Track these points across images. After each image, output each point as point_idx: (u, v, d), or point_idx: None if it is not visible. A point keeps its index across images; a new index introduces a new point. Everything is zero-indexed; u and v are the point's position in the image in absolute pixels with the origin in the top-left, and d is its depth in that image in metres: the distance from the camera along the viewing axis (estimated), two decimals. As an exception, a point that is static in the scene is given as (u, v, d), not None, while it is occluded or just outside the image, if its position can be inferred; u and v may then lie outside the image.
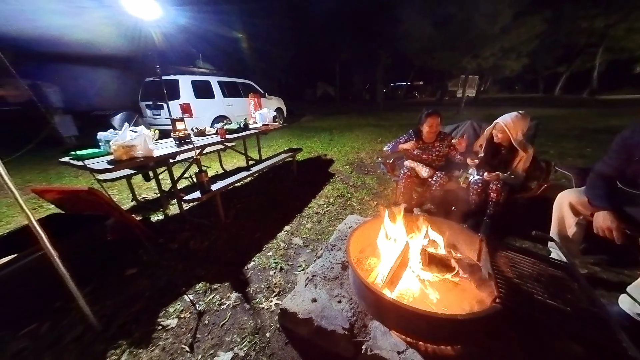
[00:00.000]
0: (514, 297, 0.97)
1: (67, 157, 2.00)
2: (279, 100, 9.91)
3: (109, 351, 1.32)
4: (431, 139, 2.44)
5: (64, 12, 7.35)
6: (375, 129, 8.38)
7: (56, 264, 1.23)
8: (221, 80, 7.28)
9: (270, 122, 3.78)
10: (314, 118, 12.07)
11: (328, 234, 2.35)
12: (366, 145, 6.00)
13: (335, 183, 3.63)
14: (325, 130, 8.38)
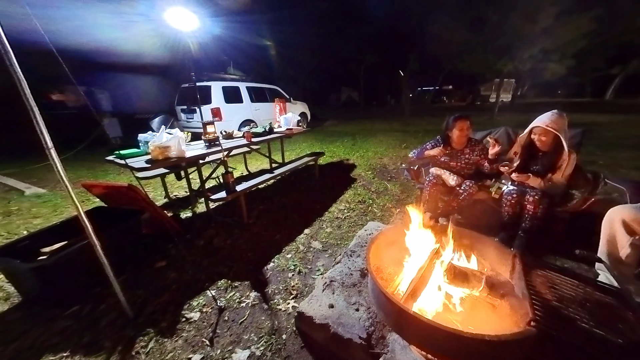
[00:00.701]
0: (552, 322, 0.88)
1: (112, 156, 2.21)
2: (303, 105, 10.10)
3: (138, 337, 1.41)
4: (461, 144, 2.31)
5: (117, 26, 8.23)
6: (400, 134, 8.18)
7: (98, 253, 1.35)
8: (249, 86, 7.61)
9: (294, 126, 3.85)
10: (337, 123, 12.10)
11: (347, 239, 2.33)
12: (390, 150, 5.87)
13: (356, 188, 3.59)
14: (348, 134, 8.35)
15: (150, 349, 1.35)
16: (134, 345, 1.37)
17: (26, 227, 2.66)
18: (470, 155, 2.30)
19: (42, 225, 2.67)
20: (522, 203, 1.95)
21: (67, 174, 1.22)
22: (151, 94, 11.87)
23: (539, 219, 1.88)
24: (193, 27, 2.82)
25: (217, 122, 2.79)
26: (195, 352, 1.34)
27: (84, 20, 7.41)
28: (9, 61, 1.02)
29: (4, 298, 1.72)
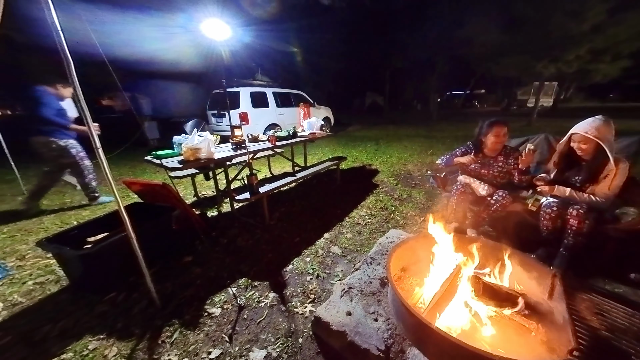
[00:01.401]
0: (599, 354, 0.78)
1: (150, 156, 2.40)
2: (327, 109, 10.18)
3: (165, 327, 1.50)
4: (495, 152, 2.16)
5: (159, 38, 9.02)
6: (426, 140, 7.89)
7: (133, 245, 1.46)
8: (275, 91, 7.86)
9: (318, 130, 3.89)
10: (360, 127, 12.01)
11: (368, 246, 2.28)
12: (415, 156, 5.68)
13: (378, 194, 3.51)
14: (372, 139, 8.24)
15: (175, 340, 1.42)
16: (161, 335, 1.45)
17: (76, 218, 2.97)
18: (504, 164, 2.15)
19: (89, 217, 2.96)
20: (565, 217, 1.77)
21: (111, 172, 1.35)
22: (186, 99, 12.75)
23: (584, 235, 1.69)
24: (226, 37, 3.00)
25: (244, 125, 2.91)
26: (215, 346, 1.39)
27: (133, 34, 8.22)
28: (69, 72, 1.16)
29: (55, 280, 1.92)
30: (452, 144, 6.82)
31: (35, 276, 1.98)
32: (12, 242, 2.47)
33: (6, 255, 2.26)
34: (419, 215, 2.88)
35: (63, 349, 1.38)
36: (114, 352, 1.36)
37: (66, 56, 1.14)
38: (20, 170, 3.84)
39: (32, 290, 1.83)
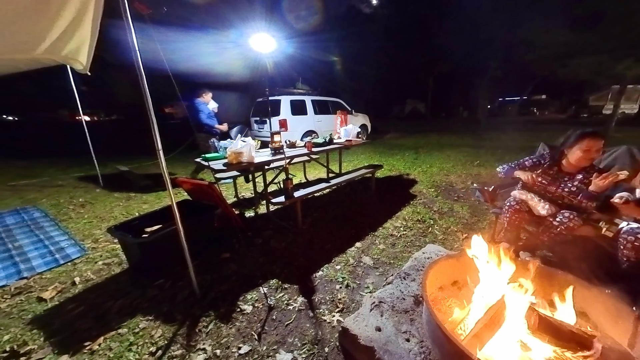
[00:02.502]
0: None
1: (200, 159, 2.65)
2: (364, 117, 10.10)
3: (202, 317, 1.61)
4: (576, 169, 1.84)
5: (213, 53, 10.06)
6: (473, 149, 7.27)
7: (181, 238, 1.62)
8: (314, 99, 8.09)
9: (354, 137, 3.87)
10: (399, 135, 11.61)
11: (402, 260, 2.16)
12: (459, 167, 5.26)
13: (416, 206, 3.33)
14: (410, 148, 7.89)
15: (210, 330, 1.52)
16: (198, 324, 1.56)
17: (138, 210, 3.41)
18: (580, 183, 1.82)
19: (148, 209, 3.37)
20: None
21: (168, 171, 1.52)
22: (233, 107, 13.89)
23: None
24: (271, 49, 3.20)
25: (283, 132, 3.05)
26: (244, 342, 1.44)
27: (192, 50, 9.32)
28: (142, 85, 1.36)
29: (118, 263, 2.22)
30: (504, 156, 6.15)
31: (104, 257, 2.31)
32: (90, 227, 2.94)
33: (85, 237, 2.70)
34: (461, 231, 2.64)
35: (120, 324, 1.57)
36: (159, 333, 1.51)
37: (140, 71, 1.34)
38: (100, 167, 4.58)
39: (101, 270, 2.14)
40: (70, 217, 3.25)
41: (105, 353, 1.39)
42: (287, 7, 14.11)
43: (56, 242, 2.58)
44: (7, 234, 2.80)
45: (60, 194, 4.15)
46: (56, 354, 1.39)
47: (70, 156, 6.99)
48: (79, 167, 5.88)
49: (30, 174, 5.49)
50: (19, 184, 4.82)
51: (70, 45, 2.18)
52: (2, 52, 2.07)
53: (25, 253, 2.40)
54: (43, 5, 1.56)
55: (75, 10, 1.69)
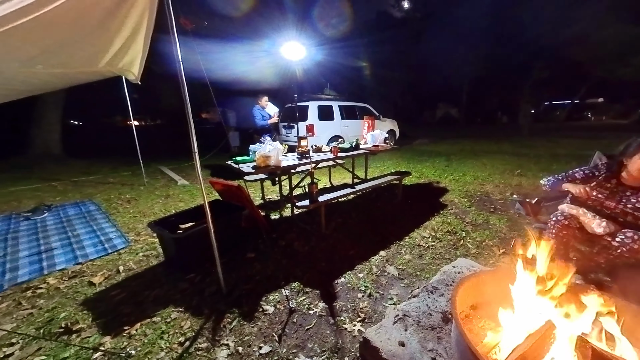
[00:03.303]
0: None
1: (230, 161, 2.80)
2: (392, 122, 9.87)
3: (227, 313, 1.67)
4: (638, 182, 1.62)
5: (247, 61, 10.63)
6: (513, 157, 6.69)
7: (211, 236, 1.71)
8: (341, 104, 8.12)
9: (381, 143, 3.80)
10: (429, 141, 11.13)
11: (429, 272, 2.04)
12: (496, 176, 4.88)
13: (446, 216, 3.14)
14: (441, 155, 7.51)
15: (234, 327, 1.57)
16: (223, 319, 1.63)
17: (174, 207, 3.69)
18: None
19: (183, 207, 3.62)
20: None
21: (202, 172, 1.63)
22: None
23: None
24: (301, 57, 3.30)
25: (309, 137, 3.10)
26: (265, 343, 1.46)
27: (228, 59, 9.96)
28: (183, 93, 1.48)
29: (155, 256, 2.41)
30: (550, 165, 5.57)
31: (144, 250, 2.52)
32: (134, 221, 3.24)
33: (129, 230, 2.98)
34: (497, 246, 2.43)
35: (154, 313, 1.70)
36: (187, 325, 1.60)
37: (182, 80, 1.46)
38: (144, 167, 5.06)
39: (140, 260, 2.35)
40: (118, 211, 3.62)
41: (141, 338, 1.50)
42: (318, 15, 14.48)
43: (106, 233, 2.89)
44: (68, 223, 3.20)
45: (111, 190, 4.65)
46: (100, 334, 1.54)
47: (121, 156, 7.82)
48: (127, 167, 6.55)
49: (89, 172, 6.25)
50: (80, 180, 5.50)
51: (126, 58, 2.46)
52: (72, 66, 2.41)
53: (81, 241, 2.72)
54: (105, 27, 1.79)
55: (131, 29, 1.91)
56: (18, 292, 1.96)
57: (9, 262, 2.34)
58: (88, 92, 7.75)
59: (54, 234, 2.92)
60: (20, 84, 2.72)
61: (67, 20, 1.56)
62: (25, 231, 3.00)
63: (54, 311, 1.74)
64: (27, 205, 3.84)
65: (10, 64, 2.02)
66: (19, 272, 2.18)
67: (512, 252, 2.08)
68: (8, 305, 1.82)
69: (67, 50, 2.01)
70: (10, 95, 3.13)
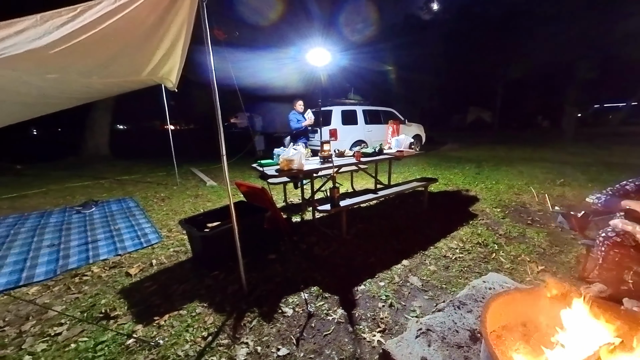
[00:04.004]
0: None
1: (255, 164, 2.90)
2: (418, 126, 9.56)
3: (247, 312, 1.72)
4: None
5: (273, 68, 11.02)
6: (555, 165, 6.10)
7: (235, 236, 1.77)
8: (365, 109, 8.05)
9: (406, 148, 3.69)
10: (458, 147, 10.58)
11: (456, 285, 1.92)
12: (535, 186, 4.48)
13: (476, 226, 2.94)
14: (472, 161, 7.09)
15: (253, 326, 1.61)
16: (243, 318, 1.67)
17: (203, 207, 3.90)
18: None
19: (211, 207, 3.81)
20: None
21: (229, 174, 1.70)
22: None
23: None
24: (326, 62, 3.34)
25: (332, 141, 3.10)
26: (283, 345, 1.47)
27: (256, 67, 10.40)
28: (215, 99, 1.57)
29: (184, 252, 2.56)
30: (599, 174, 5.00)
31: (175, 245, 2.69)
32: (166, 218, 3.48)
33: (162, 226, 3.20)
34: (535, 262, 2.21)
35: (181, 306, 1.79)
36: (210, 320, 1.66)
37: (214, 87, 1.56)
38: (178, 168, 5.42)
39: (171, 255, 2.50)
40: (154, 208, 3.91)
41: (169, 329, 1.60)
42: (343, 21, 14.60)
43: (142, 228, 3.13)
44: (111, 217, 3.53)
45: (148, 189, 5.05)
46: (134, 322, 1.66)
47: (158, 158, 8.46)
48: (163, 167, 7.07)
49: (130, 171, 6.85)
50: (122, 178, 6.05)
51: (165, 68, 2.68)
52: (120, 76, 2.68)
53: (121, 234, 2.98)
54: (149, 40, 1.97)
55: (171, 41, 2.08)
56: (68, 277, 2.19)
57: (62, 250, 2.63)
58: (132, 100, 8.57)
59: (99, 226, 3.23)
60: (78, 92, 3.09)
61: (118, 36, 1.75)
62: (76, 223, 3.36)
63: (96, 297, 1.92)
64: (78, 200, 4.31)
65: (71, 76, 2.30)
66: (69, 260, 2.44)
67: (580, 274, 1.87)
68: (59, 289, 2.04)
69: (118, 61, 2.24)
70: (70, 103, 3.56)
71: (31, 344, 1.51)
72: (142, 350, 1.45)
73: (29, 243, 2.81)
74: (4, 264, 2.40)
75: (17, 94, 2.62)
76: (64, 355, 1.43)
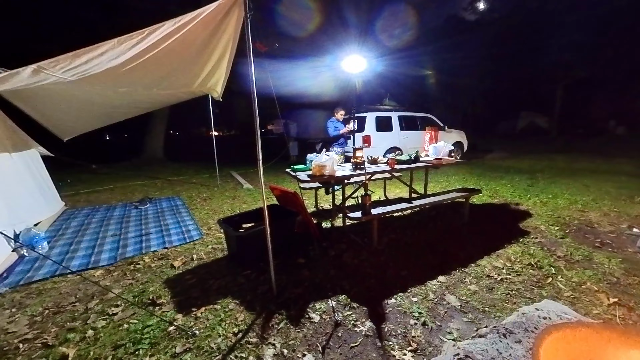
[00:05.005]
0: None
1: (289, 169, 2.99)
2: (459, 133, 8.94)
3: (275, 314, 1.75)
4: None
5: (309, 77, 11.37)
6: (633, 179, 5.16)
7: (267, 237, 1.84)
8: (401, 115, 7.80)
9: (445, 156, 3.46)
10: (506, 155, 9.61)
11: (501, 310, 1.72)
12: (605, 202, 3.83)
13: (527, 245, 2.61)
14: (523, 171, 6.36)
15: (281, 328, 1.63)
16: (272, 319, 1.70)
17: (239, 208, 4.13)
18: None
19: (246, 209, 4.02)
20: None
21: (264, 178, 1.78)
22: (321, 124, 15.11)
23: None
24: (361, 69, 3.34)
25: (366, 148, 3.06)
26: (309, 351, 1.46)
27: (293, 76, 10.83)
28: (254, 108, 1.67)
29: (221, 249, 2.73)
30: (700, 192, 4.07)
31: (213, 243, 2.88)
32: (207, 217, 3.76)
33: (203, 224, 3.46)
34: (606, 292, 1.87)
35: (216, 301, 1.90)
36: (241, 317, 1.73)
37: (254, 97, 1.66)
38: (219, 171, 5.86)
39: (209, 252, 2.69)
40: (197, 207, 4.26)
41: (204, 322, 1.70)
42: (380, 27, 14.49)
43: (186, 225, 3.43)
44: (161, 214, 3.94)
45: (193, 189, 5.53)
46: (175, 311, 1.81)
47: (203, 161, 9.26)
48: (207, 170, 7.70)
49: (179, 173, 7.59)
50: (173, 179, 6.74)
51: (213, 80, 2.95)
52: (176, 88, 3.02)
53: (169, 229, 3.30)
54: (200, 55, 2.20)
55: (218, 55, 2.29)
56: (125, 264, 2.48)
57: (122, 240, 3.01)
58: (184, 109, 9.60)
59: (151, 221, 3.63)
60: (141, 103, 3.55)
61: (176, 53, 1.98)
62: (134, 217, 3.82)
63: (146, 284, 2.14)
64: (137, 197, 4.90)
65: (137, 89, 2.67)
66: (127, 249, 2.78)
67: None
68: (118, 274, 2.33)
69: (174, 75, 2.54)
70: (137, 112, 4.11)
71: (94, 320, 1.74)
72: (180, 338, 1.57)
73: (98, 232, 3.27)
74: (78, 248, 2.83)
75: (92, 104, 3.12)
76: (118, 334, 1.62)
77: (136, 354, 1.47)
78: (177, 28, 1.62)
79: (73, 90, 2.50)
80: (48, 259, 2.42)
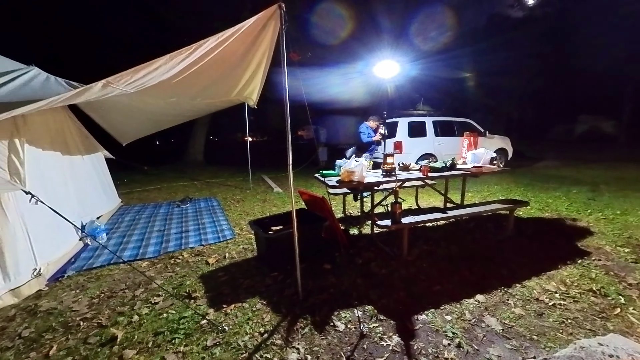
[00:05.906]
0: None
1: (318, 174, 3.02)
2: (503, 139, 8.20)
3: (300, 317, 1.75)
4: None
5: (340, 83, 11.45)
6: None
7: (295, 241, 1.86)
8: (436, 120, 7.41)
9: (485, 164, 3.20)
10: (560, 164, 8.55)
11: (554, 340, 1.50)
12: (693, 222, 3.18)
13: (588, 268, 2.27)
14: (582, 183, 5.58)
15: (305, 333, 1.63)
16: (297, 323, 1.71)
17: (269, 211, 4.27)
18: None
19: (275, 212, 4.14)
20: None
21: (293, 182, 1.82)
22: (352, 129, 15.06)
23: None
24: (394, 74, 3.27)
25: (397, 154, 2.97)
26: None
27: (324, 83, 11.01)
28: (286, 115, 1.73)
29: (251, 250, 2.84)
30: None
31: (244, 243, 3.02)
32: (239, 218, 3.95)
33: (235, 225, 3.65)
34: (697, 333, 1.53)
35: (244, 299, 1.97)
36: (268, 318, 1.77)
37: (286, 104, 1.72)
38: (252, 175, 6.15)
39: (240, 252, 2.81)
40: (231, 208, 4.51)
41: (233, 319, 1.77)
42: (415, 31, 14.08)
43: (221, 224, 3.64)
44: (199, 213, 4.24)
45: (227, 191, 5.87)
46: (208, 305, 1.92)
47: (237, 165, 9.81)
48: (241, 173, 8.13)
49: (216, 175, 8.14)
50: (210, 181, 7.24)
51: (249, 88, 3.13)
52: (215, 97, 3.27)
53: (206, 228, 3.53)
54: (239, 67, 2.36)
55: (255, 66, 2.44)
56: (167, 258, 2.71)
57: (165, 236, 3.30)
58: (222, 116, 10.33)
59: (191, 219, 3.93)
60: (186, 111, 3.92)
61: (216, 66, 2.15)
62: (176, 215, 4.18)
63: (184, 278, 2.31)
64: (179, 196, 5.36)
65: (184, 99, 2.95)
66: (169, 244, 3.04)
67: None
68: (160, 266, 2.56)
69: (215, 85, 2.76)
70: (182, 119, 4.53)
71: (139, 307, 1.92)
72: (211, 332, 1.65)
73: (146, 227, 3.64)
74: (130, 241, 3.17)
75: (146, 112, 3.52)
76: (158, 322, 1.76)
77: (173, 342, 1.58)
78: (219, 42, 1.76)
79: (132, 101, 2.86)
80: (106, 248, 2.75)
